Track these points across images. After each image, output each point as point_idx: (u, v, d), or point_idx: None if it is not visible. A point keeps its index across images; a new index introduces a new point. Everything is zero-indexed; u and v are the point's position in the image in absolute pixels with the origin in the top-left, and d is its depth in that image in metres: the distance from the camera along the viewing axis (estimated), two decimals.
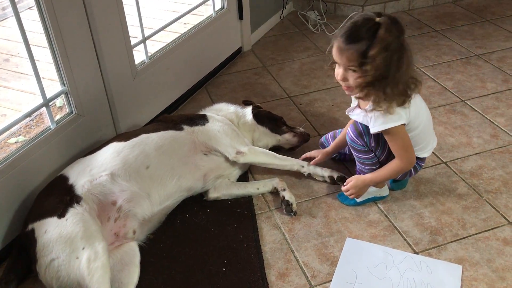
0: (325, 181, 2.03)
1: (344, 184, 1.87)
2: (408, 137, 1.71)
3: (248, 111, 2.22)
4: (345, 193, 1.87)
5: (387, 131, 1.67)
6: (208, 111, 2.18)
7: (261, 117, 2.21)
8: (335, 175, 2.00)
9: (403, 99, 1.63)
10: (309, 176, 2.04)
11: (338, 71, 1.64)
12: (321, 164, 2.04)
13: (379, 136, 1.75)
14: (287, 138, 2.17)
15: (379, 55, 1.52)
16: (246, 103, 2.33)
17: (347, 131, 1.81)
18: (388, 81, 1.57)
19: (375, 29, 1.53)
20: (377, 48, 1.52)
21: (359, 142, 1.77)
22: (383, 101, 1.61)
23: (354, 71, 1.60)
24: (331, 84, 2.74)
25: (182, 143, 1.91)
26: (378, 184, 1.87)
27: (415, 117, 1.70)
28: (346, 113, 1.85)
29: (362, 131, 1.75)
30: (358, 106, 1.77)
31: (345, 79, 1.63)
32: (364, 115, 1.71)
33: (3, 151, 2.42)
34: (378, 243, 1.75)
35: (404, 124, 1.67)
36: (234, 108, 2.23)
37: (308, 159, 2.07)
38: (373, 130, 1.69)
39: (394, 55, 1.54)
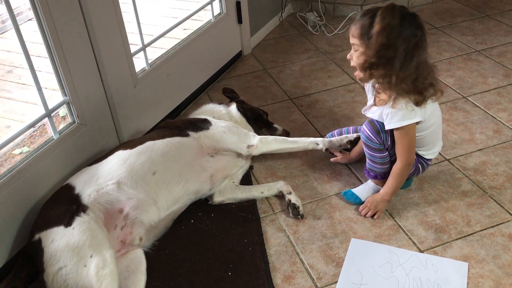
0: (346, 149, 2.05)
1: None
2: (415, 138, 1.72)
3: (234, 110, 2.24)
4: (363, 211, 1.85)
5: (400, 128, 1.68)
6: (201, 114, 2.18)
7: (247, 117, 2.24)
8: (352, 137, 2.03)
9: (417, 98, 1.64)
10: (327, 151, 2.08)
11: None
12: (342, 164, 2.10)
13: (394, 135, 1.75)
14: None
15: (380, 33, 1.56)
16: (229, 97, 2.36)
17: (362, 129, 1.81)
18: (393, 70, 1.59)
19: (377, 9, 1.60)
20: (378, 25, 1.56)
21: (375, 140, 1.77)
22: (395, 94, 1.64)
23: (356, 50, 1.65)
24: (332, 85, 2.74)
25: (188, 148, 1.92)
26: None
27: (430, 116, 1.71)
28: (362, 112, 1.86)
29: (380, 129, 1.75)
30: (374, 104, 1.79)
31: (350, 57, 1.69)
32: (380, 111, 1.73)
33: (8, 162, 2.44)
34: (383, 243, 1.75)
35: (418, 123, 1.68)
36: (223, 108, 2.25)
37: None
38: (389, 126, 1.70)
39: (399, 41, 1.56)
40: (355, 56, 1.67)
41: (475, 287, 1.57)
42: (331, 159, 2.08)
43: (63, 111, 2.42)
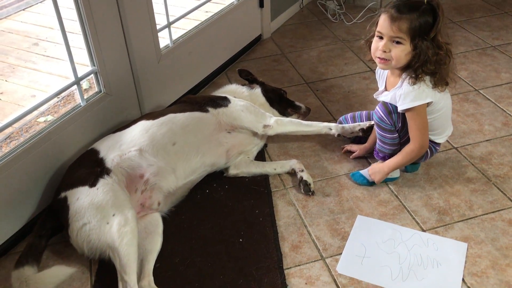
0: (358, 136, 2.12)
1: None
2: (427, 120, 1.79)
3: (259, 93, 2.32)
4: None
5: (412, 109, 1.74)
6: (222, 93, 2.25)
7: (271, 100, 2.32)
8: (364, 125, 2.09)
9: (435, 83, 1.73)
10: (339, 137, 2.14)
11: (378, 44, 1.72)
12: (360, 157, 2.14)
13: (405, 118, 1.82)
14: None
15: (435, 36, 1.65)
16: (248, 79, 2.41)
17: (376, 110, 1.88)
18: (430, 65, 1.68)
19: (433, 6, 1.64)
20: (436, 27, 1.63)
21: (387, 121, 1.84)
22: (417, 78, 1.71)
23: (398, 42, 1.67)
24: (348, 72, 2.81)
25: (207, 123, 2.02)
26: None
27: (440, 99, 1.78)
28: (374, 97, 1.94)
29: (392, 110, 1.82)
30: (385, 89, 1.87)
31: (387, 49, 1.70)
32: (393, 94, 1.80)
33: (33, 129, 2.57)
34: (387, 221, 1.83)
35: (428, 104, 1.75)
36: (245, 90, 2.32)
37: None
38: (402, 107, 1.76)
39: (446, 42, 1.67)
40: (398, 50, 1.68)
41: (472, 266, 1.65)
42: (350, 156, 2.13)
43: (86, 83, 2.53)
